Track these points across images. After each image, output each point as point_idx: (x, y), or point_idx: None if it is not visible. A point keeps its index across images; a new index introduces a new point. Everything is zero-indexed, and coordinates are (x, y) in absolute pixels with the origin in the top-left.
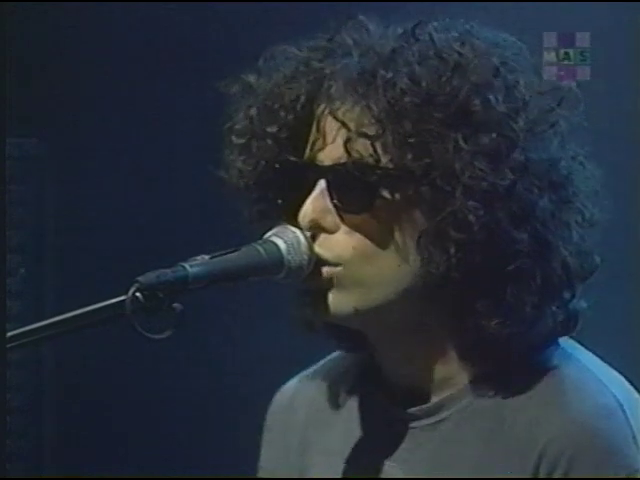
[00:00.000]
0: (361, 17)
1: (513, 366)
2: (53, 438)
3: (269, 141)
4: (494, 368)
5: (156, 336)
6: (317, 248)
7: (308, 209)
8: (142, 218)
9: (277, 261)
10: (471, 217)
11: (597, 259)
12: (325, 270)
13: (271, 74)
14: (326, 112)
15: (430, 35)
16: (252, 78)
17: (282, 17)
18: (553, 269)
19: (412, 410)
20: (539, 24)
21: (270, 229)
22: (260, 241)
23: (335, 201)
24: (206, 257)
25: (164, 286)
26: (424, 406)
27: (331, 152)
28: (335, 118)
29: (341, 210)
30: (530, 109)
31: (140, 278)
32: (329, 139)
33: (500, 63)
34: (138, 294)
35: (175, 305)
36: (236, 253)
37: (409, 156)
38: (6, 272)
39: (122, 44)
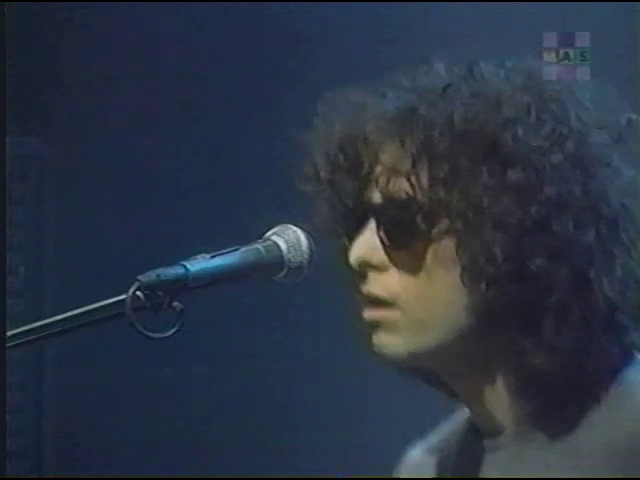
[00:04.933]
0: (435, 62)
1: (580, 392)
2: (53, 437)
3: (327, 185)
4: (560, 397)
5: (156, 335)
6: (371, 288)
7: (357, 248)
8: (142, 217)
9: (278, 260)
10: (499, 251)
11: None
12: (381, 313)
13: (330, 119)
14: (368, 152)
15: (482, 75)
16: (316, 122)
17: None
18: (594, 303)
19: (490, 442)
20: (539, 24)
21: None
22: (261, 240)
23: (382, 238)
24: (207, 256)
25: (165, 285)
26: (501, 437)
27: (378, 190)
28: (374, 159)
29: (387, 247)
30: (575, 143)
31: (141, 277)
32: (373, 178)
33: (550, 96)
34: (139, 293)
35: (175, 304)
36: (237, 252)
37: (441, 192)
38: (6, 271)
39: (122, 43)
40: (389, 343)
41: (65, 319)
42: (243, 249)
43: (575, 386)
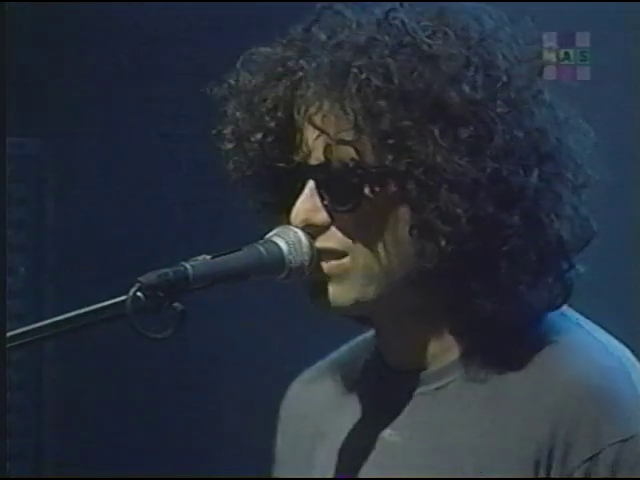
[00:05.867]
0: (337, 6)
1: (512, 336)
2: (53, 438)
3: (256, 147)
4: (491, 339)
5: (157, 336)
6: (318, 243)
7: (299, 209)
8: (142, 218)
9: (278, 261)
10: (459, 211)
11: (594, 225)
12: (331, 263)
13: (251, 76)
14: (305, 117)
15: (403, 23)
16: (232, 81)
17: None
18: (548, 244)
19: (409, 378)
20: (539, 24)
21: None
22: (261, 241)
23: (324, 200)
24: (207, 257)
25: (165, 286)
26: (421, 374)
27: (316, 153)
28: (313, 125)
29: (330, 209)
30: (511, 85)
31: (141, 278)
32: (311, 142)
33: (477, 41)
34: (139, 294)
35: (176, 305)
36: (237, 253)
37: (389, 156)
38: (6, 271)
39: (122, 44)
40: (337, 294)
41: (65, 320)
42: (244, 250)
43: (517, 326)
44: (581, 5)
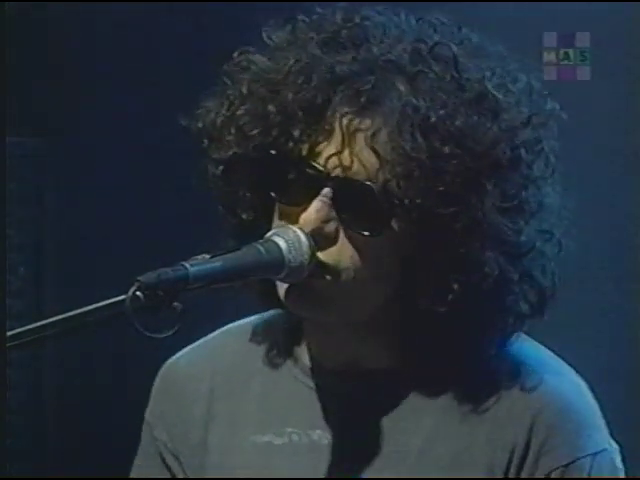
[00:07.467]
0: (365, 12)
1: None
2: (53, 437)
3: (290, 143)
4: (447, 351)
5: (157, 335)
6: (320, 254)
7: (311, 216)
8: (142, 217)
9: (278, 260)
10: (486, 268)
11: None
12: (317, 281)
13: (289, 68)
14: (350, 130)
15: (455, 58)
16: (263, 64)
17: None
18: (529, 299)
19: (347, 382)
20: (539, 24)
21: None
22: (261, 240)
23: (343, 215)
24: (207, 256)
25: (165, 285)
26: (367, 379)
27: (345, 162)
28: (372, 149)
29: (346, 226)
30: (545, 146)
31: (141, 277)
32: (356, 157)
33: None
34: (139, 293)
35: (176, 304)
36: (237, 252)
37: (435, 199)
38: (6, 271)
39: (122, 43)
40: (310, 307)
41: (65, 319)
42: (243, 249)
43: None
44: (581, 5)
